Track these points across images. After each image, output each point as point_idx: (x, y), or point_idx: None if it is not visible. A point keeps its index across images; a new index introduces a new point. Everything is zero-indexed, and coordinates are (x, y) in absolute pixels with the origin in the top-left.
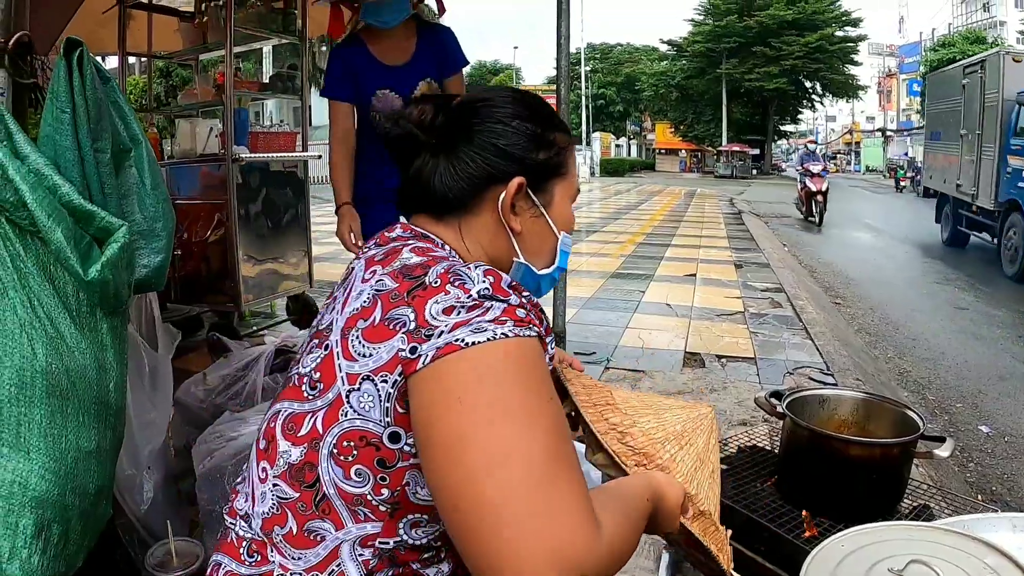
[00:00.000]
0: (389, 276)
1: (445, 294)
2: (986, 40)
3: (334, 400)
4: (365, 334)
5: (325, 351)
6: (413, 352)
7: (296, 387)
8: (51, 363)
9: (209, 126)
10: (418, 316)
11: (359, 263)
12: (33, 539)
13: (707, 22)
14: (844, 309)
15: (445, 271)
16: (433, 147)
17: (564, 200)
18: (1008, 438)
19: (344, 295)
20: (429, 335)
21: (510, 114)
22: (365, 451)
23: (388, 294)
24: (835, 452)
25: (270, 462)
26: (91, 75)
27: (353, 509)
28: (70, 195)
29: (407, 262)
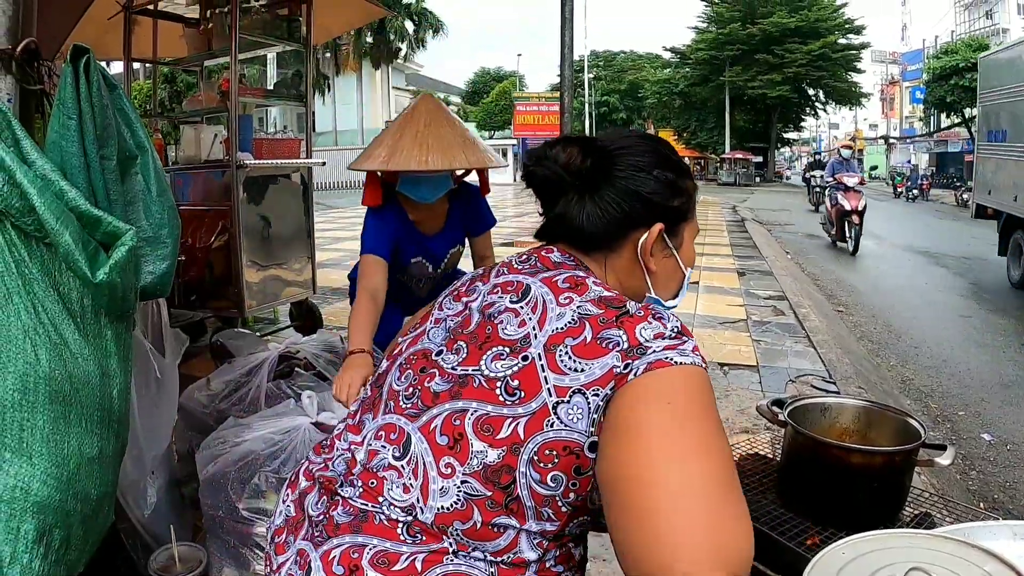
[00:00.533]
0: (591, 303)
1: (649, 322)
2: (989, 47)
3: (539, 410)
4: (576, 350)
5: (524, 362)
6: (627, 368)
7: (487, 390)
8: (54, 369)
9: (213, 132)
10: (630, 337)
11: (536, 283)
12: (34, 544)
13: (710, 30)
14: (847, 317)
15: (644, 306)
16: (579, 188)
17: (690, 240)
18: (1011, 446)
19: (536, 313)
20: (642, 353)
21: (650, 163)
22: (566, 459)
23: (596, 318)
24: (837, 460)
25: (460, 460)
26: (98, 82)
27: (539, 510)
28: (76, 200)
29: (602, 294)
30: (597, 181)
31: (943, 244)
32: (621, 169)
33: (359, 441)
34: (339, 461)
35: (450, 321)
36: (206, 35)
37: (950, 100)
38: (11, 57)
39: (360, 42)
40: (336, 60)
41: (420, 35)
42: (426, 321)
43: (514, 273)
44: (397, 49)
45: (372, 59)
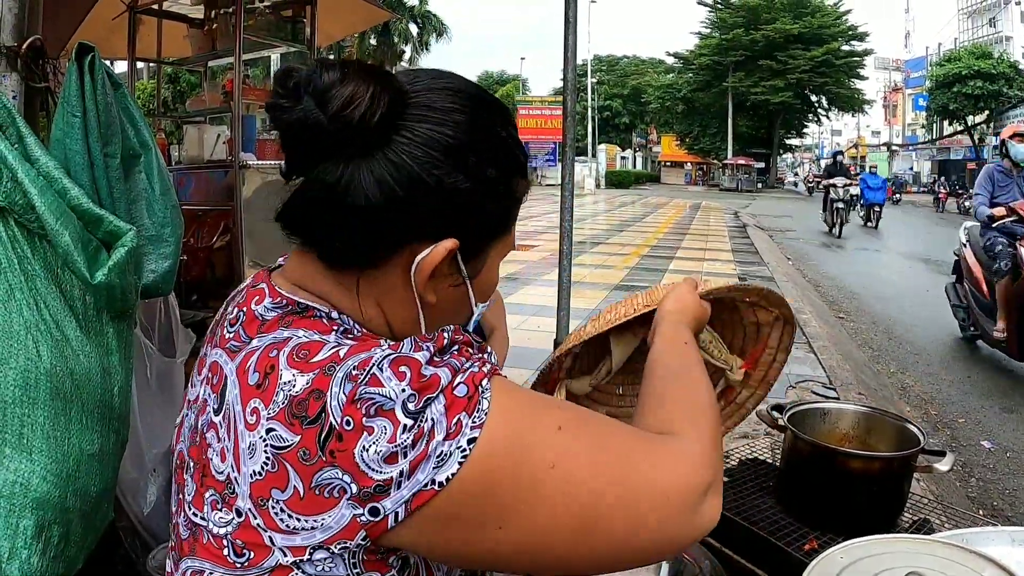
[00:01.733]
0: (279, 422)
1: (369, 433)
2: (992, 55)
3: (276, 568)
4: (291, 506)
5: (239, 517)
6: (375, 514)
7: (216, 549)
8: (55, 365)
9: (217, 133)
10: (355, 477)
11: (230, 371)
12: (33, 540)
13: (714, 35)
14: (847, 323)
15: (349, 399)
16: (349, 153)
17: (495, 263)
18: (1010, 453)
19: (230, 438)
20: (386, 491)
21: (463, 135)
22: None
23: (295, 453)
24: (836, 465)
25: None
26: (102, 80)
27: None
28: (79, 198)
29: (292, 391)
30: (374, 145)
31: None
32: (409, 133)
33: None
34: None
35: (193, 411)
36: (210, 35)
37: (953, 107)
38: (17, 55)
39: (364, 44)
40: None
41: (424, 38)
42: (185, 399)
43: (219, 348)
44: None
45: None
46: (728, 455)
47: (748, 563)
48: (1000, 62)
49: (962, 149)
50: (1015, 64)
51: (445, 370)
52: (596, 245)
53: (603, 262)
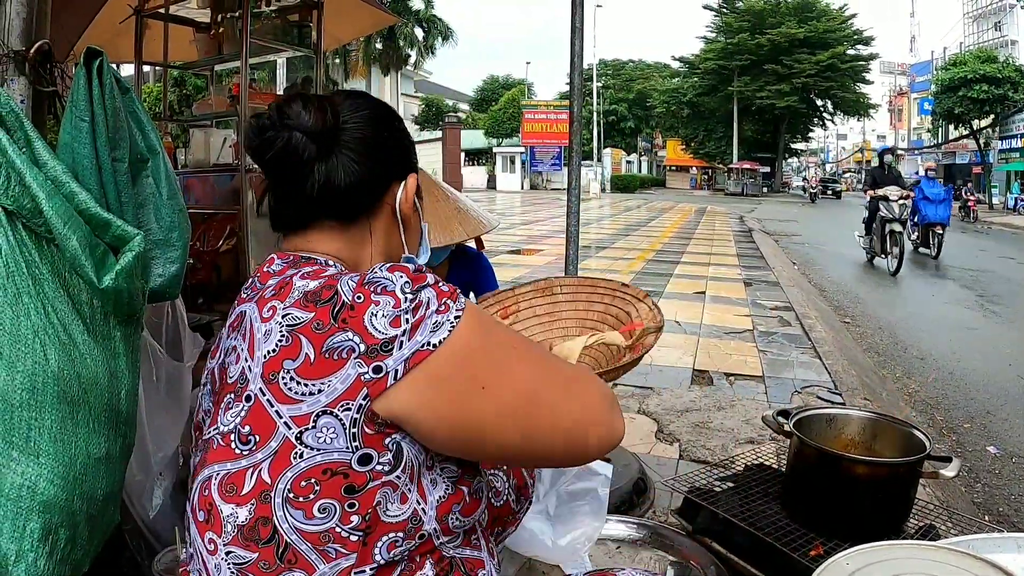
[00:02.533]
0: (295, 307)
1: (376, 305)
2: (997, 59)
3: (280, 447)
4: (301, 373)
5: (249, 403)
6: (378, 371)
7: (223, 447)
8: (63, 369)
9: (223, 136)
10: (364, 336)
11: (250, 307)
12: (40, 543)
13: (719, 40)
14: (853, 328)
15: (358, 284)
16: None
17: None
18: (1016, 459)
19: (246, 342)
20: (389, 349)
21: (387, 114)
22: (330, 483)
23: (308, 326)
24: (842, 471)
25: (216, 531)
26: (110, 84)
27: (321, 549)
28: (87, 203)
29: (305, 289)
30: (337, 139)
31: (949, 256)
32: (354, 123)
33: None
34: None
35: (209, 382)
36: (217, 39)
37: (958, 111)
38: (25, 59)
39: (370, 48)
40: (346, 66)
41: (429, 42)
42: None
43: (241, 304)
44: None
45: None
46: (733, 460)
47: (754, 568)
48: (1006, 66)
49: (967, 153)
50: (1020, 68)
51: (430, 276)
52: (602, 249)
53: (609, 266)
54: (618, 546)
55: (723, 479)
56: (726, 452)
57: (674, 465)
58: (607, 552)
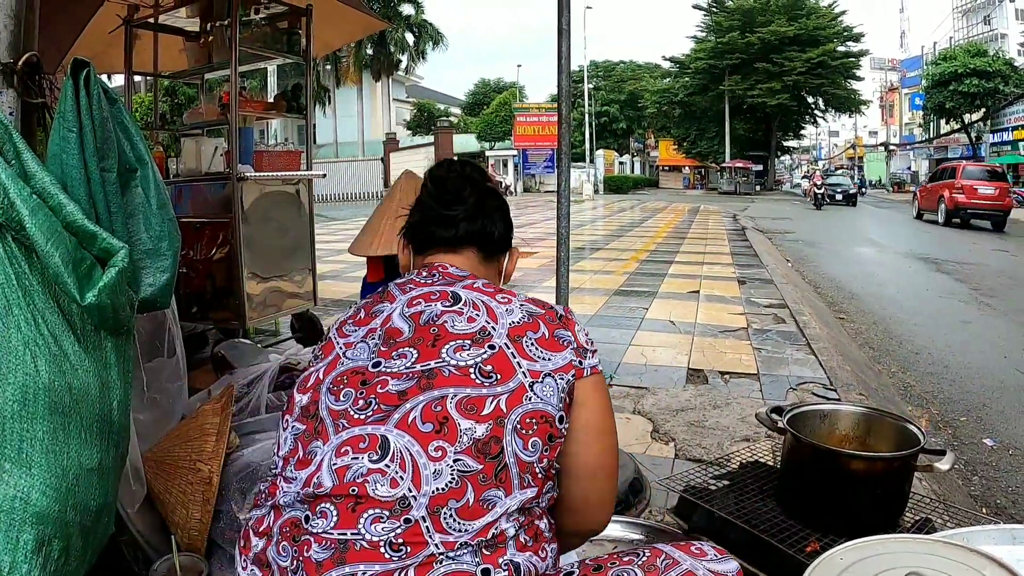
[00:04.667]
0: (529, 303)
1: (579, 326)
2: (987, 53)
3: (516, 388)
4: (540, 343)
5: (492, 350)
6: (580, 364)
7: (459, 376)
8: (54, 380)
9: (214, 145)
10: (575, 339)
11: (460, 289)
12: (33, 554)
13: (709, 39)
14: (848, 324)
15: (565, 310)
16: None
17: None
18: (1012, 451)
19: (482, 312)
20: (584, 354)
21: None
22: (542, 427)
23: (543, 317)
24: (836, 466)
25: (448, 441)
26: (98, 95)
27: (523, 476)
28: (74, 215)
29: (526, 298)
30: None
31: (943, 250)
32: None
33: (316, 469)
34: (294, 501)
35: (369, 340)
36: (207, 48)
37: (949, 106)
38: (13, 71)
39: (361, 54)
40: (337, 72)
41: (420, 47)
42: (329, 351)
43: (426, 286)
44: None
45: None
46: (729, 458)
47: (751, 565)
48: (995, 59)
49: (959, 147)
50: (1010, 61)
51: None
52: (595, 251)
53: (602, 268)
54: (615, 546)
55: (719, 477)
56: (722, 450)
57: (670, 464)
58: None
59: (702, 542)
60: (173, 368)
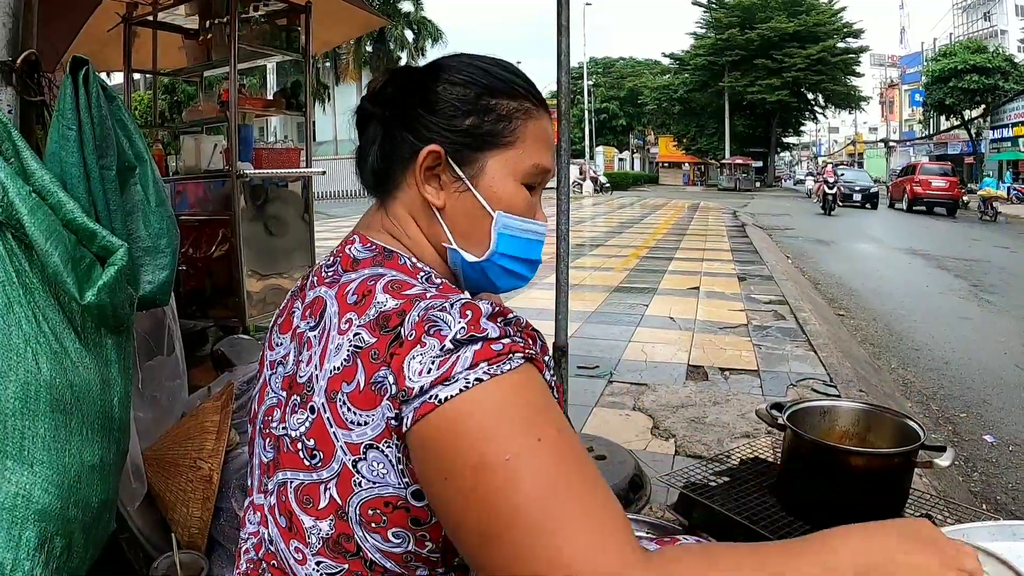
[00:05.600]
0: (366, 329)
1: (421, 347)
2: (987, 49)
3: (341, 471)
4: (352, 399)
5: (313, 415)
6: (397, 419)
7: (293, 454)
8: (55, 377)
9: (213, 142)
10: (397, 378)
11: (330, 298)
12: (35, 552)
13: (709, 35)
14: (847, 320)
15: (420, 318)
16: (380, 120)
17: (504, 175)
18: (1012, 447)
19: (320, 345)
20: (406, 399)
21: (446, 80)
22: (395, 515)
23: (368, 352)
24: (836, 463)
25: (301, 541)
26: (97, 93)
27: (405, 565)
28: (74, 212)
29: (383, 308)
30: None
31: (943, 246)
32: (414, 91)
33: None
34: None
35: (283, 362)
36: (205, 46)
37: (949, 102)
38: (12, 69)
39: (360, 51)
40: (336, 69)
41: (420, 44)
42: (261, 368)
43: (320, 285)
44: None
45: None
46: (729, 454)
47: None
48: (995, 56)
49: (959, 144)
50: (1010, 58)
51: (496, 328)
52: (595, 247)
53: (602, 264)
54: None
55: (719, 473)
56: (722, 447)
57: (670, 461)
58: None
59: (687, 539)
60: (173, 366)
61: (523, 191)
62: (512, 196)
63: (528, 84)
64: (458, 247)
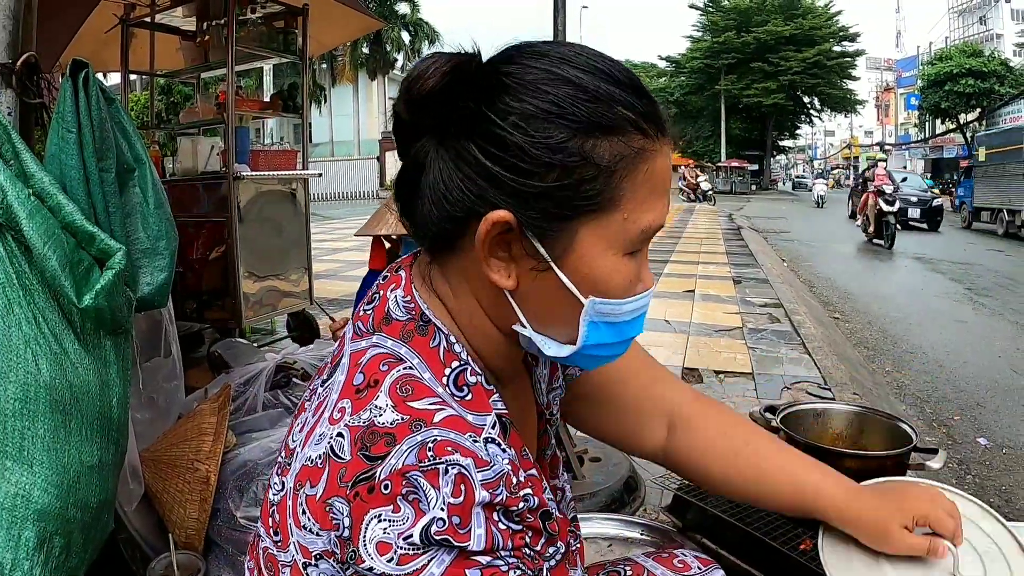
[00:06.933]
0: (349, 438)
1: (393, 511)
2: (983, 53)
3: (292, 566)
4: (309, 504)
5: (283, 490)
6: (341, 564)
7: (266, 515)
8: (55, 378)
9: (210, 144)
10: (353, 530)
11: (346, 358)
12: (35, 551)
13: (705, 38)
14: (842, 323)
15: (403, 468)
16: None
17: (602, 250)
18: (1006, 450)
19: (314, 417)
20: (355, 564)
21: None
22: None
23: (338, 469)
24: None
25: None
26: (96, 95)
27: None
28: (73, 215)
29: (376, 419)
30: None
31: (938, 250)
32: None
33: None
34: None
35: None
36: (203, 47)
37: (945, 106)
38: (11, 71)
39: (356, 53)
40: (332, 71)
41: (416, 45)
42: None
43: (355, 318)
44: (393, 60)
45: (368, 70)
46: None
47: (744, 563)
48: (991, 60)
49: (955, 147)
50: (1006, 62)
51: (483, 535)
52: None
53: None
54: (609, 544)
55: None
56: None
57: None
58: (598, 550)
59: (686, 553)
60: (170, 367)
61: (626, 265)
62: (610, 274)
63: (642, 101)
64: (534, 331)
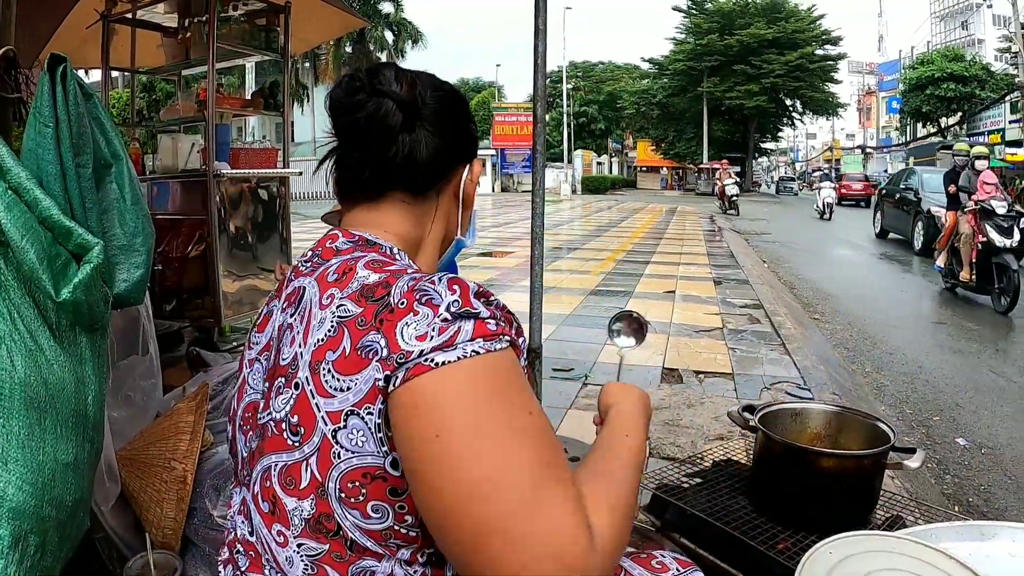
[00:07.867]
0: (350, 300)
1: (414, 315)
2: (964, 58)
3: (321, 443)
4: (337, 366)
5: (297, 391)
6: (388, 381)
7: (277, 436)
8: (30, 376)
9: (191, 142)
10: (389, 342)
11: (310, 283)
12: (9, 550)
13: (688, 41)
14: (823, 325)
15: (409, 289)
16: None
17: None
18: (985, 450)
19: (303, 324)
20: (402, 362)
21: (462, 99)
22: (373, 486)
23: (354, 320)
24: (807, 464)
25: (283, 524)
26: (74, 91)
27: (385, 543)
28: (50, 210)
29: (365, 281)
30: (421, 112)
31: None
32: (434, 101)
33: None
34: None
35: (263, 357)
36: (184, 44)
37: (926, 110)
38: None
39: (339, 52)
40: (315, 70)
41: (400, 45)
42: (240, 367)
43: (299, 278)
44: (376, 59)
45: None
46: (702, 456)
47: (722, 562)
48: (972, 64)
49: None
50: (987, 66)
51: (484, 308)
52: (572, 251)
53: (579, 267)
54: None
55: (692, 475)
56: (695, 449)
57: None
58: None
59: (665, 554)
60: (147, 366)
61: None
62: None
63: None
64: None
